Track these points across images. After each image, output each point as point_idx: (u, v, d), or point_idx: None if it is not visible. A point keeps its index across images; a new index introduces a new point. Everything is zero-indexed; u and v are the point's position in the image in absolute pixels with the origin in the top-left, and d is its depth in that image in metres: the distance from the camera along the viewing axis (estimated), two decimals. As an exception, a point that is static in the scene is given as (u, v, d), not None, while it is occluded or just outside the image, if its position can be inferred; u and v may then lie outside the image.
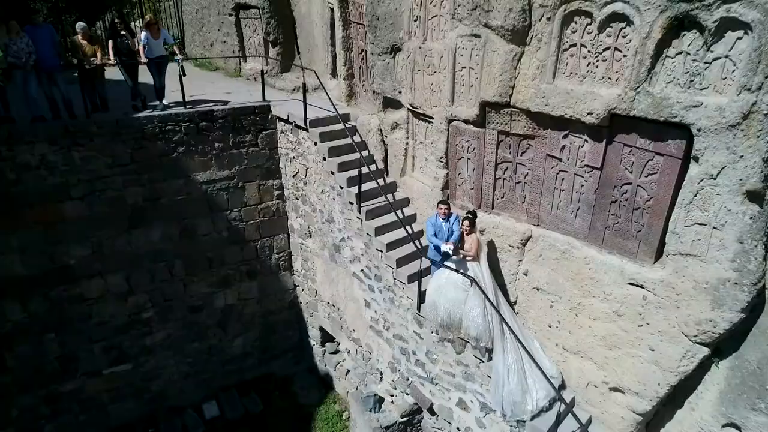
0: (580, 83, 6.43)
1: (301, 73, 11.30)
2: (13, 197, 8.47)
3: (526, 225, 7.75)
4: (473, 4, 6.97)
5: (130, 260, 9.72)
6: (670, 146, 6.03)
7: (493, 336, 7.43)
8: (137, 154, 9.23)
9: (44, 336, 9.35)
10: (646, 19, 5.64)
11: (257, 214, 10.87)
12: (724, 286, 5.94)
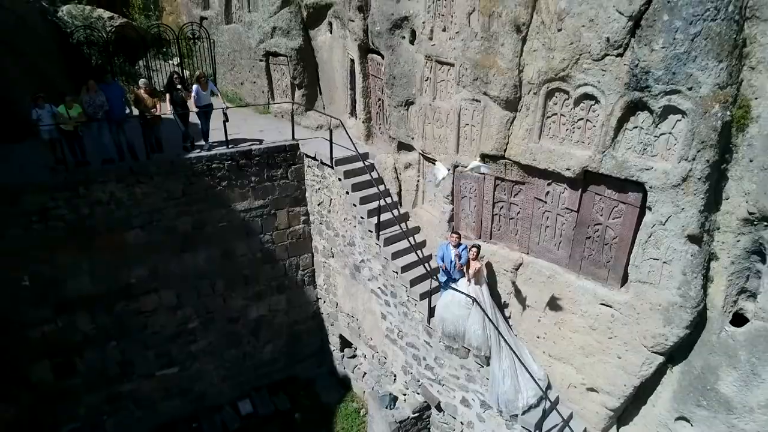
0: (560, 144, 8.03)
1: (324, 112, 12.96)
2: (87, 228, 10.07)
3: (518, 253, 9.36)
4: (475, 75, 8.58)
5: (179, 279, 11.32)
6: (630, 197, 7.64)
7: (491, 346, 9.03)
8: (188, 189, 10.84)
9: (108, 344, 10.94)
10: (610, 100, 7.24)
11: (286, 236, 12.48)
12: (672, 308, 7.54)
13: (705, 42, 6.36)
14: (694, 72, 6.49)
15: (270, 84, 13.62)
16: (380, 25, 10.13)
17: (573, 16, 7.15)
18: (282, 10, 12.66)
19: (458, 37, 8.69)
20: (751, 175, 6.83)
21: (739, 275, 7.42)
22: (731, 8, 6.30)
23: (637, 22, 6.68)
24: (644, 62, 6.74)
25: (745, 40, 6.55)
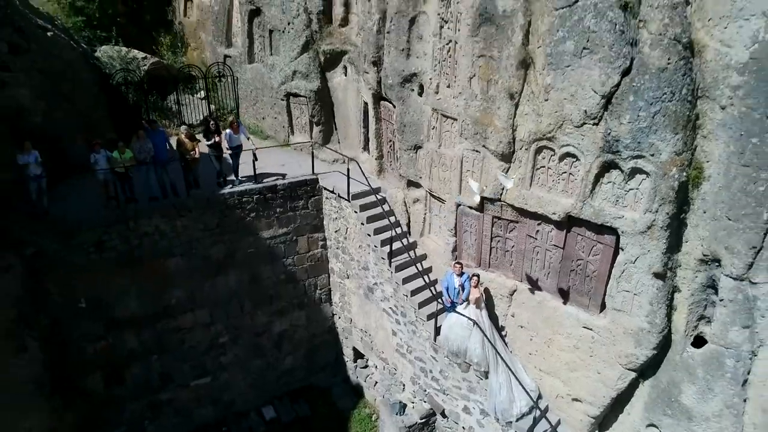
0: (548, 192, 9.44)
1: (339, 146, 14.39)
2: (135, 256, 11.50)
3: (513, 281, 10.77)
4: (475, 130, 10.00)
5: (213, 299, 12.74)
6: (606, 239, 9.05)
7: (489, 362, 10.44)
8: (221, 221, 12.27)
9: (150, 358, 12.37)
10: (588, 159, 8.65)
11: (306, 260, 13.89)
12: (641, 333, 8.95)
13: (663, 118, 7.78)
14: (655, 142, 7.91)
15: (290, 120, 15.03)
16: (392, 79, 11.55)
17: (557, 90, 8.56)
18: (302, 56, 14.09)
19: (461, 97, 10.11)
20: (704, 223, 8.24)
21: (697, 305, 8.83)
22: (685, 91, 7.72)
23: (609, 99, 8.09)
24: (615, 132, 8.15)
25: (698, 115, 7.97)
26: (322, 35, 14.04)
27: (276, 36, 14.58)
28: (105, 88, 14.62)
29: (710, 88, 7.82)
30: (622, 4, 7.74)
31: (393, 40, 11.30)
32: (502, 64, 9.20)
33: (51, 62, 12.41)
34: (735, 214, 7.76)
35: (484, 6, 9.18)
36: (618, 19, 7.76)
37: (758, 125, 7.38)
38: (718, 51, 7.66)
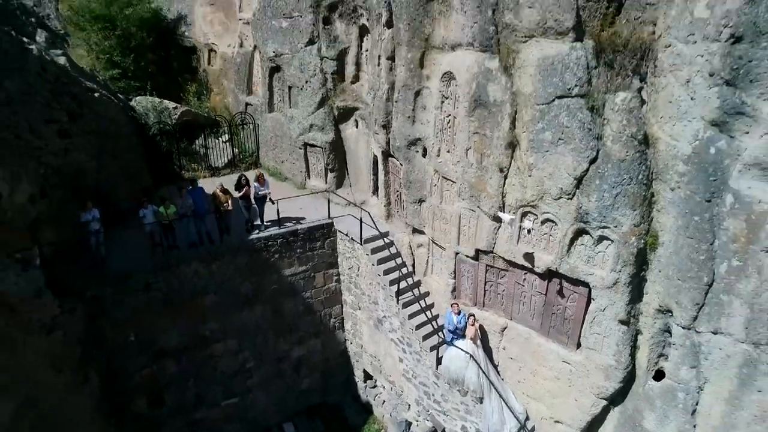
0: (532, 249, 11.19)
1: (351, 189, 16.15)
2: (176, 296, 13.24)
3: (504, 319, 12.52)
4: (471, 193, 11.75)
5: (241, 330, 14.47)
6: (580, 289, 10.80)
7: (483, 389, 12.19)
8: (250, 262, 14.00)
9: (187, 382, 14.10)
10: (564, 226, 10.41)
11: (322, 293, 15.63)
12: (609, 368, 10.70)
13: (624, 198, 9.54)
14: (617, 216, 9.67)
15: (307, 166, 16.77)
16: (399, 142, 13.29)
17: (538, 169, 10.32)
18: (318, 111, 15.84)
19: (459, 164, 11.87)
20: (660, 281, 10.00)
21: (657, 345, 10.57)
22: (641, 176, 9.48)
23: (580, 181, 9.85)
24: (585, 207, 9.91)
25: (653, 193, 9.73)
26: (336, 92, 15.80)
27: (294, 91, 16.33)
28: (141, 136, 16.36)
29: (662, 173, 9.58)
30: (589, 106, 9.51)
31: (400, 109, 13.05)
32: (494, 143, 10.96)
33: (99, 122, 14.14)
34: (683, 275, 9.52)
35: (478, 94, 10.94)
36: (586, 118, 9.52)
37: (699, 206, 9.14)
38: (668, 143, 9.43)
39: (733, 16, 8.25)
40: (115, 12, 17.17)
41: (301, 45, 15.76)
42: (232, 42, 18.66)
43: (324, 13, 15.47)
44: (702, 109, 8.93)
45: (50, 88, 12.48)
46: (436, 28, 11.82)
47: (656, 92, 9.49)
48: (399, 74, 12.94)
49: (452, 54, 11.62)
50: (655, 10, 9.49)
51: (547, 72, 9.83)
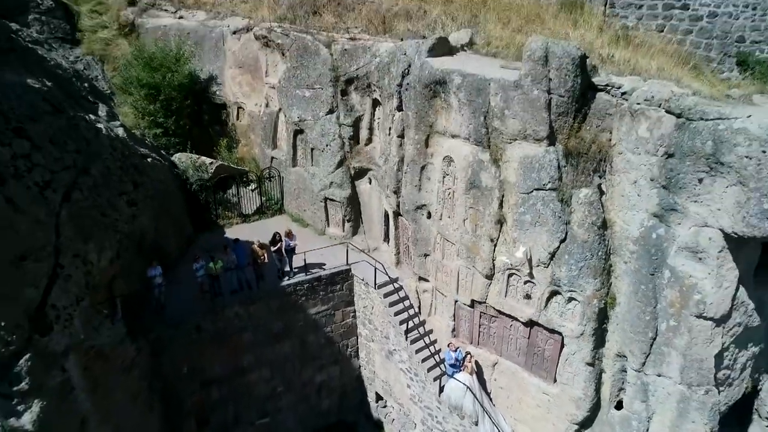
0: (517, 302, 13.79)
1: (365, 236, 18.74)
2: (220, 334, 15.80)
3: (495, 356, 15.11)
4: (467, 254, 14.34)
5: (273, 361, 17.04)
6: (556, 336, 13.40)
7: (478, 414, 14.77)
8: (281, 304, 16.58)
9: (228, 405, 16.67)
10: (542, 287, 13.01)
11: (340, 327, 18.21)
12: (579, 400, 13.30)
13: (587, 270, 12.15)
14: (582, 283, 12.28)
15: (326, 216, 19.34)
16: (408, 206, 15.89)
17: (522, 243, 12.91)
18: (337, 170, 18.42)
19: (457, 231, 14.47)
20: (617, 333, 12.61)
21: (617, 382, 13.17)
22: (600, 253, 12.09)
23: (553, 255, 12.46)
24: (557, 275, 12.52)
25: (611, 264, 12.34)
26: (352, 154, 18.38)
27: (316, 152, 18.89)
28: (183, 189, 18.95)
29: (618, 249, 12.21)
30: (559, 198, 12.12)
31: (408, 179, 15.65)
32: (485, 217, 13.55)
33: (155, 186, 16.71)
34: (634, 330, 12.13)
35: (472, 178, 13.54)
36: (557, 208, 12.13)
37: (645, 278, 11.75)
38: (622, 227, 12.05)
39: (666, 138, 10.90)
40: (158, 79, 19.72)
41: (322, 113, 18.35)
42: (259, 102, 21.22)
43: (342, 87, 18.03)
44: (646, 204, 11.57)
45: (119, 164, 15.06)
46: (439, 118, 14.42)
47: (612, 186, 12.12)
48: (408, 150, 15.53)
49: (452, 141, 14.23)
50: (611, 120, 12.11)
51: (527, 168, 12.44)
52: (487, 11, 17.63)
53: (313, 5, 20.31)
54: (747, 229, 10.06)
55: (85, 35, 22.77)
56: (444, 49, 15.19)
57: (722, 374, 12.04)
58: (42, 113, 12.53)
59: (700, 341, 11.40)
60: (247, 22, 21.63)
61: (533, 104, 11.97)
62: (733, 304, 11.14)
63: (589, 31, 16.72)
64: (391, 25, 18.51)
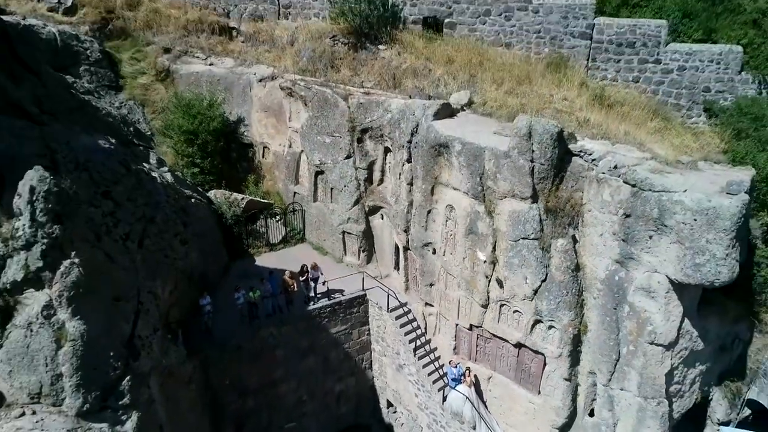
0: (508, 327, 16.63)
1: (377, 264, 21.58)
2: (257, 352, 18.62)
3: (490, 371, 17.95)
4: (467, 287, 17.17)
5: (299, 373, 19.87)
6: (539, 356, 16.24)
7: (475, 420, 17.62)
8: (308, 326, 19.42)
9: (261, 412, 19.49)
10: (527, 316, 15.84)
11: (357, 344, 21.03)
12: (559, 408, 16.16)
13: (563, 304, 14.99)
14: (560, 315, 15.11)
15: (344, 246, 22.17)
16: (416, 243, 18.73)
17: (509, 280, 15.75)
18: (354, 207, 21.24)
19: (458, 267, 17.31)
20: (589, 354, 15.44)
21: (589, 394, 16.01)
22: (574, 290, 14.93)
23: (536, 291, 15.29)
24: (539, 307, 15.37)
25: (584, 299, 15.18)
26: (367, 193, 21.20)
27: (335, 191, 21.72)
28: (219, 223, 21.77)
29: (588, 287, 15.06)
30: (541, 246, 14.96)
31: (416, 220, 18.49)
32: (481, 259, 16.39)
33: (199, 224, 19.54)
34: (601, 352, 14.97)
35: (470, 225, 16.38)
36: (539, 254, 14.98)
37: (609, 311, 14.60)
38: (591, 269, 14.89)
39: (624, 203, 13.74)
40: (196, 125, 22.50)
41: (340, 158, 21.17)
42: (283, 142, 24.02)
43: (358, 135, 20.82)
44: (610, 252, 14.42)
45: (173, 209, 17.90)
46: (443, 173, 17.25)
47: (584, 237, 14.97)
48: (416, 196, 18.37)
49: (453, 192, 17.07)
50: (583, 182, 14.95)
51: (515, 220, 15.27)
52: (484, 71, 20.45)
53: (331, 59, 23.10)
54: (684, 278, 12.93)
55: (127, 81, 25.54)
56: (447, 112, 18.06)
57: (674, 388, 14.91)
58: (120, 176, 15.38)
59: (652, 363, 14.25)
60: (271, 71, 24.44)
61: (519, 170, 14.81)
62: (679, 333, 14.00)
63: (570, 90, 19.57)
64: (400, 81, 21.33)
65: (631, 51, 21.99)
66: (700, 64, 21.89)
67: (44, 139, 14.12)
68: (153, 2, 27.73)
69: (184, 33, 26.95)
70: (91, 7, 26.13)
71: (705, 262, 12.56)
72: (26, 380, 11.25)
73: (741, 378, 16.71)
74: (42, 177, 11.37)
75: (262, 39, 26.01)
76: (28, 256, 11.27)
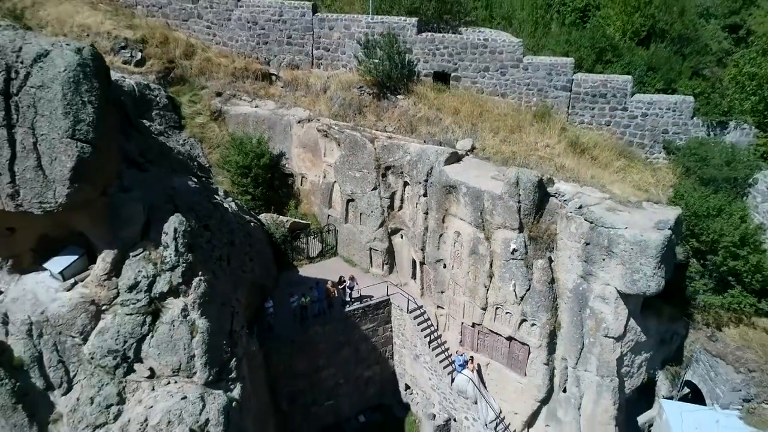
0: (501, 325, 21.85)
1: (397, 274, 26.87)
2: (306, 345, 23.83)
3: (488, 358, 23.21)
4: (470, 294, 22.40)
5: (337, 362, 25.07)
6: (525, 347, 21.49)
7: (477, 396, 22.86)
8: (345, 324, 24.64)
9: (306, 392, 24.69)
10: (516, 316, 21.08)
11: (382, 338, 26.22)
12: (539, 386, 21.45)
13: (542, 307, 20.23)
14: (540, 315, 20.35)
15: (370, 259, 27.35)
16: (430, 259, 23.96)
17: (503, 290, 20.97)
18: (379, 229, 26.44)
19: (463, 279, 22.54)
20: (562, 344, 20.72)
21: (563, 375, 21.26)
22: (550, 297, 20.20)
23: (522, 298, 20.51)
24: (524, 310, 20.62)
25: (557, 305, 20.42)
26: (389, 218, 26.42)
27: (363, 216, 26.92)
28: (270, 241, 26.99)
29: (561, 295, 20.30)
30: (526, 265, 20.18)
31: (430, 242, 23.71)
32: (481, 272, 21.62)
33: (258, 242, 24.74)
34: (570, 343, 20.22)
35: (473, 248, 21.61)
36: (525, 271, 20.20)
37: (576, 313, 19.83)
38: (563, 282, 20.14)
39: (585, 235, 18.96)
40: (249, 161, 27.68)
41: (368, 189, 26.38)
42: (318, 173, 29.20)
43: (382, 171, 26.00)
44: (576, 270, 19.65)
45: (242, 232, 23.10)
46: (452, 206, 22.47)
47: (557, 258, 20.20)
48: (430, 223, 23.60)
49: (460, 221, 22.28)
50: (557, 217, 20.16)
51: (506, 245, 20.48)
52: (483, 121, 25.71)
53: (359, 106, 28.30)
54: (626, 289, 18.17)
55: (187, 121, 30.71)
56: (454, 158, 23.28)
57: (624, 370, 20.14)
58: (211, 210, 20.60)
59: (607, 351, 19.48)
60: (308, 113, 29.64)
61: (509, 209, 20.02)
62: (626, 329, 19.23)
63: (552, 137, 24.82)
64: (416, 127, 26.54)
65: (603, 100, 27.18)
66: (659, 111, 27.07)
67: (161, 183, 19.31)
68: (205, 52, 32.91)
69: (232, 79, 32.11)
70: (156, 58, 31.29)
71: (639, 278, 17.78)
72: (170, 360, 16.42)
73: (680, 364, 21.99)
74: (181, 221, 16.59)
75: (298, 85, 31.23)
76: (172, 276, 16.47)
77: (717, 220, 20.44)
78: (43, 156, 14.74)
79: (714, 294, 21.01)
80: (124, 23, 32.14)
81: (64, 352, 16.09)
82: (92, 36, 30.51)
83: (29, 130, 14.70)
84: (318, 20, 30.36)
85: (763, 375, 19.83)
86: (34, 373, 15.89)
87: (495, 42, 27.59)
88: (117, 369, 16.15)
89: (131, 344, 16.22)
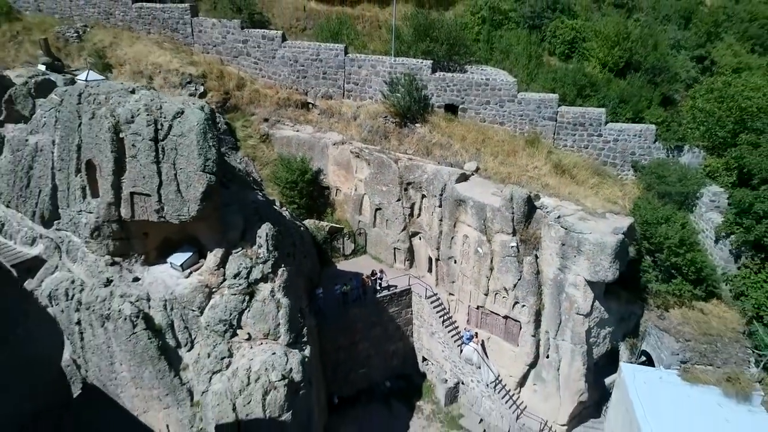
0: (499, 306, 28.48)
1: (416, 268, 33.54)
2: (347, 324, 30.43)
3: (489, 333, 29.84)
4: (476, 284, 29.01)
5: (370, 338, 31.62)
6: (517, 323, 28.10)
7: (480, 363, 29.47)
8: (376, 308, 31.22)
9: (347, 363, 31.26)
10: (510, 299, 27.71)
11: (404, 320, 32.76)
12: (528, 354, 28.08)
13: (530, 292, 26.87)
14: (528, 298, 26.98)
15: (394, 256, 33.92)
16: (444, 256, 30.53)
17: (500, 280, 27.59)
18: (402, 233, 32.99)
19: (470, 272, 29.14)
20: (545, 320, 27.38)
21: (546, 344, 27.89)
22: (536, 285, 26.86)
23: (515, 286, 27.13)
24: (517, 294, 27.23)
25: (542, 290, 27.06)
26: (410, 223, 33.01)
27: (389, 222, 33.51)
28: (314, 242, 33.57)
29: (544, 283, 26.93)
30: (518, 260, 26.78)
31: (444, 242, 30.31)
32: (484, 266, 28.24)
33: (307, 243, 31.30)
34: (550, 319, 26.86)
35: (477, 248, 28.21)
36: (516, 265, 26.80)
37: (555, 297, 26.48)
38: (546, 273, 26.79)
39: (561, 238, 25.61)
40: (296, 177, 34.21)
41: (393, 201, 32.96)
42: (350, 187, 35.73)
43: (405, 186, 32.58)
44: (555, 264, 26.28)
45: (298, 236, 29.68)
46: (461, 215, 29.06)
47: (542, 255, 26.80)
48: (444, 228, 30.19)
49: (467, 227, 28.87)
50: (542, 225, 26.76)
51: (504, 245, 27.05)
52: (485, 146, 32.33)
53: (384, 132, 34.88)
54: (591, 278, 24.76)
55: (241, 143, 37.27)
56: (463, 178, 29.86)
57: (592, 340, 26.74)
58: (278, 218, 27.19)
59: (578, 325, 26.06)
60: (341, 137, 36.20)
61: (505, 219, 26.59)
62: (592, 308, 25.81)
63: (539, 160, 31.44)
64: (431, 151, 33.14)
65: (582, 128, 33.70)
66: (628, 137, 33.53)
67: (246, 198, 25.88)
68: (253, 84, 39.47)
69: (277, 107, 38.66)
70: (215, 90, 37.83)
71: (600, 270, 24.35)
72: (262, 327, 22.99)
73: (636, 337, 28.53)
74: (270, 227, 23.21)
75: (332, 113, 37.80)
76: (263, 267, 23.07)
77: (663, 227, 26.94)
78: (181, 183, 21.33)
79: (662, 283, 27.42)
80: (187, 60, 38.79)
81: (187, 321, 22.72)
82: (163, 72, 37.24)
83: (172, 165, 21.31)
84: (349, 60, 36.93)
85: (696, 344, 26.32)
86: (168, 336, 22.54)
87: (495, 80, 34.18)
88: (225, 333, 22.76)
89: (235, 316, 22.82)
